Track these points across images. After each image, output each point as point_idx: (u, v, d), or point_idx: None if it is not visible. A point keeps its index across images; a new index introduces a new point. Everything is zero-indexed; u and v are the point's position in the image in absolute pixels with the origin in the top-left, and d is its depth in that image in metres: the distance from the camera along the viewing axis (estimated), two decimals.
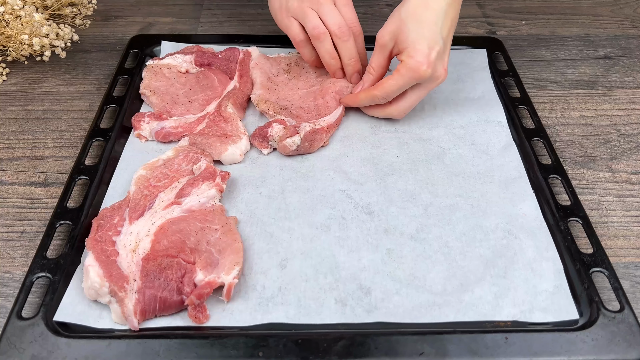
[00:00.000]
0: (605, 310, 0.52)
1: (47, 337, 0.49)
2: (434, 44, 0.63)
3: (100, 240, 0.55)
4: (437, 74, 0.65)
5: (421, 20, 0.64)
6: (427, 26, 0.64)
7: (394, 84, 0.66)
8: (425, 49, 0.63)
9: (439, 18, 0.64)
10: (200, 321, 0.51)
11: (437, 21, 0.64)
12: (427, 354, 0.49)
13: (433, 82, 0.66)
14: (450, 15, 0.65)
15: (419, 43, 0.63)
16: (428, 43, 0.63)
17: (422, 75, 0.64)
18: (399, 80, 0.65)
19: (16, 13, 0.80)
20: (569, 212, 0.61)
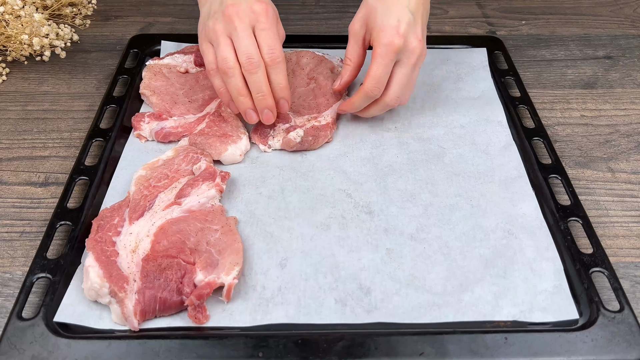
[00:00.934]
0: (605, 310, 0.52)
1: (47, 338, 0.49)
2: (402, 17, 0.63)
3: (100, 240, 0.55)
4: (412, 45, 0.64)
5: (386, 3, 0.64)
6: (392, 4, 0.64)
7: (376, 67, 0.64)
8: (393, 22, 0.63)
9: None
10: (200, 322, 0.51)
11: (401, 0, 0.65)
12: (427, 354, 0.49)
13: (412, 55, 0.65)
14: None
15: (386, 19, 0.63)
16: (396, 17, 0.63)
17: (397, 46, 0.63)
18: (378, 60, 0.64)
19: (16, 13, 0.80)
20: (568, 212, 0.61)
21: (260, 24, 0.64)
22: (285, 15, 0.97)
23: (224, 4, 0.65)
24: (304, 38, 0.88)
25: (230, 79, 0.64)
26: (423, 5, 0.67)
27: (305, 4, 1.01)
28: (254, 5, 0.64)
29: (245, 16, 0.63)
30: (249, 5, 0.64)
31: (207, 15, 0.67)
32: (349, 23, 0.68)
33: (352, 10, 0.98)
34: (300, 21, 0.96)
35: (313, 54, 0.80)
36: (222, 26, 0.64)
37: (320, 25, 0.96)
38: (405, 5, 0.64)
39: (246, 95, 0.65)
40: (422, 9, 0.66)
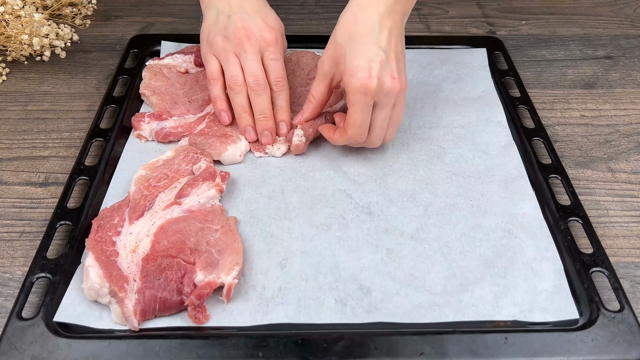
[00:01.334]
0: (605, 310, 0.52)
1: (47, 338, 0.49)
2: (373, 56, 0.58)
3: (100, 240, 0.55)
4: (387, 85, 0.59)
5: (354, 37, 0.60)
6: (361, 41, 0.59)
7: (354, 114, 0.60)
8: (364, 63, 0.58)
9: (373, 30, 0.59)
10: (200, 321, 0.51)
11: (370, 33, 0.59)
12: (427, 354, 0.49)
13: (390, 96, 0.60)
14: (387, 24, 0.60)
15: (356, 59, 0.59)
16: (366, 57, 0.58)
17: (370, 90, 0.58)
18: (354, 107, 0.60)
19: (16, 13, 0.80)
20: (569, 212, 0.61)
21: (269, 53, 0.66)
22: (286, 15, 0.97)
23: (233, 22, 0.65)
24: (303, 38, 0.88)
25: (237, 96, 0.66)
26: (395, 37, 0.61)
27: (305, 4, 1.01)
28: (264, 32, 0.65)
29: (255, 42, 0.65)
30: (260, 31, 0.65)
31: (214, 25, 0.67)
32: None
33: None
34: (300, 21, 0.96)
35: (313, 54, 0.80)
36: (232, 46, 0.66)
37: (320, 25, 0.96)
38: (374, 43, 0.59)
39: (249, 114, 0.67)
40: (394, 42, 0.61)
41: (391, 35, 0.60)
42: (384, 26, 0.60)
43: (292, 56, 0.80)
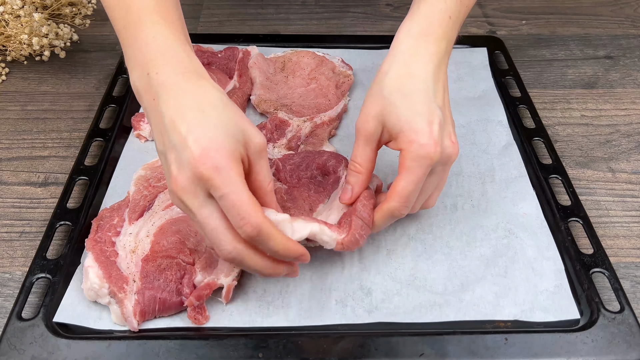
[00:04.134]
0: (606, 311, 0.52)
1: (47, 338, 0.49)
2: (432, 117, 0.50)
3: (99, 241, 0.55)
4: (448, 151, 0.51)
5: (409, 94, 0.51)
6: (418, 98, 0.51)
7: (405, 184, 0.50)
8: (425, 127, 0.50)
9: (428, 86, 0.52)
10: (200, 322, 0.51)
11: (427, 89, 0.51)
12: (427, 355, 0.49)
13: (447, 163, 0.52)
14: (442, 79, 0.53)
15: (415, 122, 0.50)
16: (426, 118, 0.50)
17: (433, 159, 0.50)
18: (410, 176, 0.50)
19: (15, 13, 0.80)
20: (569, 212, 0.61)
21: (214, 191, 0.45)
22: (286, 15, 0.97)
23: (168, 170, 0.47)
24: (304, 38, 0.88)
25: None
26: (446, 92, 0.54)
27: (306, 4, 1.01)
28: (196, 166, 0.44)
29: (192, 189, 0.45)
30: (192, 169, 0.44)
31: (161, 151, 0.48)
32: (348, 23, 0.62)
33: (353, 10, 0.98)
34: (300, 21, 0.96)
35: (314, 54, 0.80)
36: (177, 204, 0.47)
37: (320, 25, 0.95)
38: (432, 100, 0.51)
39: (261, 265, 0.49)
40: (446, 98, 0.54)
41: (444, 91, 0.54)
42: (438, 80, 0.53)
43: (293, 56, 0.80)
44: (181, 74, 0.48)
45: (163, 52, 0.49)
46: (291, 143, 0.69)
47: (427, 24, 0.53)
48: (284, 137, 0.70)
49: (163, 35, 0.49)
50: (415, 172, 0.50)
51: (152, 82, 0.48)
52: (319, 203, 0.60)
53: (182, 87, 0.47)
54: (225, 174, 0.44)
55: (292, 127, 0.70)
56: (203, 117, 0.46)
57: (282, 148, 0.68)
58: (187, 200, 0.45)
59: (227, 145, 0.45)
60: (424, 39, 0.53)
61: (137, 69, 0.49)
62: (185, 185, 0.45)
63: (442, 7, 0.54)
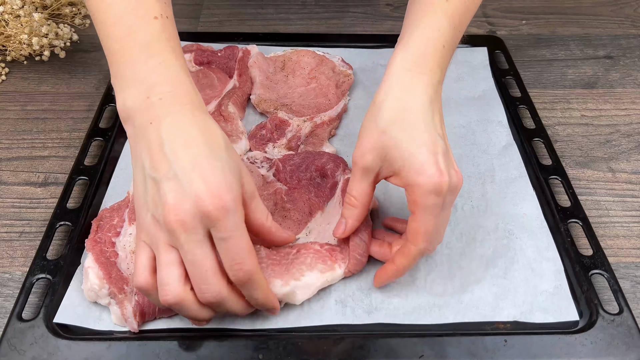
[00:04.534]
0: (605, 312, 0.52)
1: (47, 339, 0.49)
2: (435, 147, 0.48)
3: (99, 241, 0.55)
4: (454, 180, 0.49)
5: (409, 125, 0.49)
6: (418, 130, 0.49)
7: (426, 221, 0.48)
8: (430, 157, 0.48)
9: (427, 117, 0.49)
10: (200, 323, 0.51)
11: (426, 121, 0.49)
12: (427, 356, 0.49)
13: (455, 192, 0.50)
14: (437, 109, 0.51)
15: (419, 153, 0.48)
16: (429, 149, 0.48)
17: (443, 189, 0.47)
18: (426, 213, 0.48)
19: (15, 13, 0.80)
20: (569, 213, 0.61)
21: (218, 232, 0.44)
22: (286, 15, 0.97)
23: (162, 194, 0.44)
24: (304, 37, 0.88)
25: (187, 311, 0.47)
26: (442, 121, 0.52)
27: (306, 4, 1.01)
28: (203, 203, 0.43)
29: (192, 224, 0.43)
30: (197, 204, 0.43)
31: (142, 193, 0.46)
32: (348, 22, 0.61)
33: (353, 9, 0.98)
34: (300, 21, 0.96)
35: (314, 53, 0.80)
36: (164, 235, 0.45)
37: (320, 25, 0.95)
38: (432, 130, 0.49)
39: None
40: (444, 128, 0.52)
41: (441, 121, 0.52)
42: (435, 111, 0.51)
43: (293, 55, 0.80)
44: (187, 105, 0.47)
45: (170, 81, 0.47)
46: (291, 143, 0.69)
47: (420, 55, 0.51)
48: (284, 137, 0.69)
49: (170, 63, 0.48)
50: (432, 208, 0.48)
51: (152, 106, 0.46)
52: (318, 209, 0.60)
53: (188, 119, 0.46)
54: (233, 217, 0.44)
55: (292, 126, 0.70)
56: (210, 154, 0.45)
57: (282, 148, 0.68)
58: (182, 234, 0.43)
59: (234, 187, 0.44)
60: (418, 70, 0.51)
61: (133, 90, 0.47)
62: (185, 219, 0.43)
63: (436, 35, 0.52)
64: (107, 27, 0.49)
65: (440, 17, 0.52)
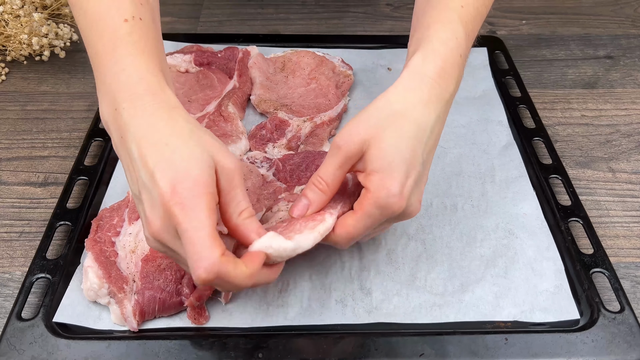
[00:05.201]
0: (606, 311, 0.52)
1: (47, 338, 0.49)
2: (411, 169, 0.47)
3: (99, 241, 0.55)
4: (411, 209, 0.48)
5: (402, 135, 0.47)
6: (407, 143, 0.47)
7: (359, 226, 0.48)
8: (402, 177, 0.46)
9: (423, 134, 0.48)
10: (200, 322, 0.51)
11: (420, 138, 0.48)
12: (427, 355, 0.49)
13: (405, 218, 0.49)
14: (436, 131, 0.50)
15: (396, 166, 0.46)
16: (406, 168, 0.47)
17: (394, 212, 0.47)
18: (366, 220, 0.47)
19: (15, 13, 0.80)
20: (569, 212, 0.61)
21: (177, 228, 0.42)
22: (286, 15, 0.97)
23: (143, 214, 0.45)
24: (304, 38, 0.88)
25: None
26: (437, 141, 0.51)
27: (306, 4, 1.01)
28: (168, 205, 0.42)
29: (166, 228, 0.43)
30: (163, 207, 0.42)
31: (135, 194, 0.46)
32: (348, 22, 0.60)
33: (353, 10, 0.98)
34: (300, 21, 0.96)
35: (314, 54, 0.80)
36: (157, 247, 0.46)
37: (320, 25, 0.95)
38: (420, 151, 0.48)
39: None
40: (434, 147, 0.51)
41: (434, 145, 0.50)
42: (435, 130, 0.49)
43: (293, 56, 0.80)
44: (149, 106, 0.45)
45: (131, 85, 0.46)
46: (291, 143, 0.69)
47: (441, 64, 0.49)
48: (284, 137, 0.69)
49: (133, 66, 0.46)
50: (372, 218, 0.47)
51: (120, 118, 0.45)
52: None
53: (149, 121, 0.45)
54: (189, 210, 0.41)
55: (292, 127, 0.70)
56: (167, 149, 0.43)
57: (282, 148, 0.68)
58: (164, 239, 0.43)
59: (193, 176, 0.42)
60: (438, 81, 0.49)
61: (106, 102, 0.47)
62: (159, 225, 0.43)
63: (454, 45, 0.50)
64: (84, 33, 0.49)
65: (457, 24, 0.51)
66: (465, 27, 0.51)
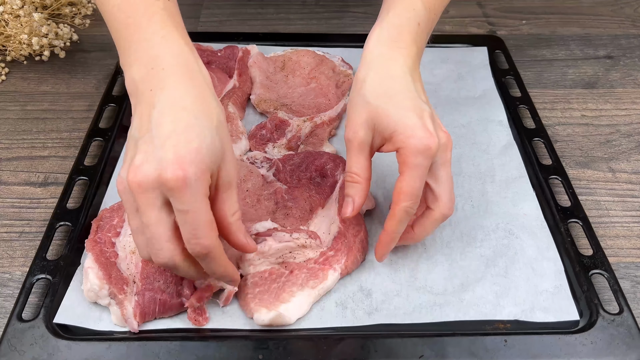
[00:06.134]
0: (605, 312, 0.52)
1: (47, 339, 0.49)
2: (422, 112, 0.50)
3: (99, 241, 0.55)
4: (444, 140, 0.51)
5: (394, 94, 0.51)
6: (404, 97, 0.51)
7: (411, 180, 0.50)
8: (418, 121, 0.49)
9: (410, 85, 0.52)
10: (200, 324, 0.51)
11: (409, 88, 0.51)
12: (427, 356, 0.49)
13: (447, 151, 0.51)
14: (418, 79, 0.54)
15: (407, 118, 0.50)
16: (416, 113, 0.50)
17: (433, 149, 0.49)
18: (413, 172, 0.49)
19: (15, 13, 0.80)
20: (569, 213, 0.61)
21: (176, 202, 0.43)
22: (286, 15, 0.97)
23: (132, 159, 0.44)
24: (304, 37, 0.88)
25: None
26: (424, 90, 0.54)
27: (306, 4, 1.01)
28: (164, 171, 0.42)
29: (149, 188, 0.43)
30: (158, 170, 0.42)
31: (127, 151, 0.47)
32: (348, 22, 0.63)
33: (353, 9, 0.98)
34: (300, 21, 0.96)
35: (314, 53, 0.80)
36: (127, 196, 0.45)
37: (321, 25, 0.95)
38: (416, 97, 0.51)
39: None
40: (426, 95, 0.54)
41: (423, 90, 0.54)
42: (416, 79, 0.53)
43: (293, 55, 0.80)
44: (187, 77, 0.47)
45: (173, 53, 0.48)
46: (291, 143, 0.69)
47: (397, 32, 0.53)
48: (284, 137, 0.69)
49: (173, 38, 0.48)
50: (418, 166, 0.49)
51: (155, 75, 0.46)
52: (319, 206, 0.60)
53: (185, 89, 0.46)
54: (194, 191, 0.42)
55: (292, 126, 0.70)
56: (194, 123, 0.44)
57: (282, 148, 0.68)
58: (139, 195, 0.43)
59: (204, 162, 0.43)
60: (395, 44, 0.53)
61: (138, 64, 0.48)
62: (143, 181, 0.43)
63: (411, 15, 0.54)
64: (112, 9, 0.51)
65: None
66: (424, 1, 0.55)
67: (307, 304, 0.52)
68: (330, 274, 0.54)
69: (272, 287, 0.53)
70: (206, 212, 0.44)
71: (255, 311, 0.51)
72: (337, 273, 0.54)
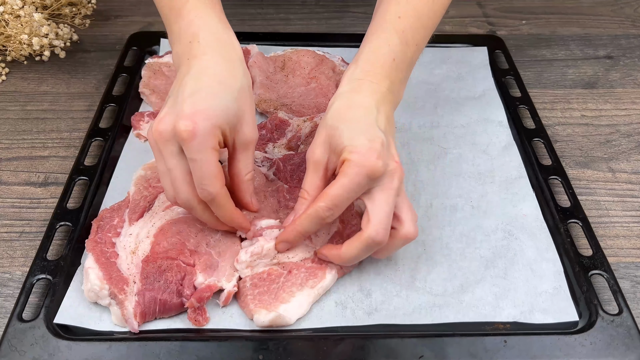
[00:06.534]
0: (604, 313, 0.52)
1: (48, 340, 0.49)
2: (373, 136, 0.51)
3: (100, 241, 0.55)
4: (391, 167, 0.51)
5: (351, 119, 0.52)
6: (359, 122, 0.52)
7: (337, 188, 0.50)
8: (366, 142, 0.50)
9: (370, 113, 0.53)
10: (200, 324, 0.51)
11: (368, 115, 0.52)
12: (427, 357, 0.49)
13: (394, 178, 0.51)
14: (384, 111, 0.54)
15: (357, 139, 0.51)
16: (367, 136, 0.51)
17: (374, 168, 0.50)
18: (344, 180, 0.50)
19: (16, 13, 0.80)
20: (568, 214, 0.61)
21: (187, 151, 0.49)
22: (286, 15, 0.97)
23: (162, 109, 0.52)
24: (304, 36, 0.88)
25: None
26: (391, 124, 0.55)
27: (306, 4, 1.01)
28: (178, 122, 0.49)
29: (168, 137, 0.50)
30: (173, 121, 0.49)
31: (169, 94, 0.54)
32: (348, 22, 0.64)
33: (353, 9, 0.98)
34: (300, 21, 0.96)
35: (314, 53, 0.80)
36: (154, 144, 0.52)
37: (321, 25, 0.95)
38: (373, 123, 0.52)
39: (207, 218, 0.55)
40: (391, 128, 0.55)
41: (388, 122, 0.54)
42: (381, 111, 0.54)
43: (293, 55, 0.80)
44: (220, 48, 0.54)
45: (209, 30, 0.54)
46: (291, 143, 0.69)
47: (369, 67, 0.55)
48: (284, 137, 0.70)
49: (209, 16, 0.55)
50: (350, 178, 0.50)
51: (192, 47, 0.53)
52: None
53: (219, 59, 0.53)
54: (200, 142, 0.49)
55: (292, 126, 0.70)
56: (216, 87, 0.51)
57: (282, 148, 0.68)
58: (159, 144, 0.50)
59: (216, 119, 0.50)
60: (367, 78, 0.55)
61: (181, 40, 0.55)
62: (162, 131, 0.50)
63: (385, 51, 0.56)
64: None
65: (391, 33, 0.56)
66: (400, 35, 0.56)
67: (306, 303, 0.53)
68: (328, 272, 0.54)
69: (272, 287, 0.53)
70: (211, 163, 0.50)
71: (255, 312, 0.51)
72: (334, 271, 0.54)
